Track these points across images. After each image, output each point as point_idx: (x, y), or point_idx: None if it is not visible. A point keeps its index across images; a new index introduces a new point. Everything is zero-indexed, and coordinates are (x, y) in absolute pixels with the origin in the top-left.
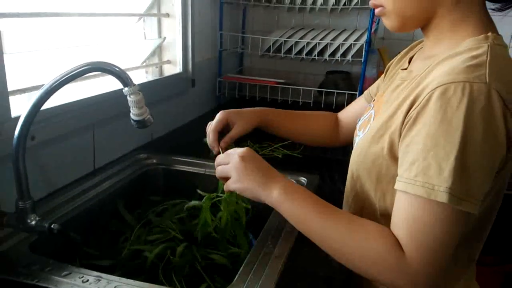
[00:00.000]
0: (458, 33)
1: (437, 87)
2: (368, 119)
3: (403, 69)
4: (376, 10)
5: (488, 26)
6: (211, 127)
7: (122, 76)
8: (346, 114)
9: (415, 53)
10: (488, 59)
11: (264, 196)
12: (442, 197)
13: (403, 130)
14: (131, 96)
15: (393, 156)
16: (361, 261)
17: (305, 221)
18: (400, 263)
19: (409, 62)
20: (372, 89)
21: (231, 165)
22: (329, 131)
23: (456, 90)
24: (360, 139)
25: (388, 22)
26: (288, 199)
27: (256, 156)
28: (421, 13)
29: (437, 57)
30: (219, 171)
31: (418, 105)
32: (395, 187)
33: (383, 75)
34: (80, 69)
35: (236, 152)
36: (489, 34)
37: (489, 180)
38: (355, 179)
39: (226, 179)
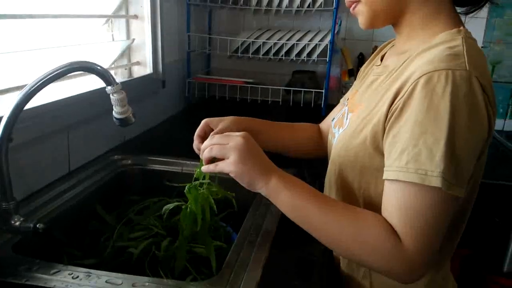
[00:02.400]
0: (430, 28)
1: (421, 76)
2: (342, 116)
3: (377, 66)
4: (352, 7)
5: (458, 21)
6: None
7: (105, 75)
8: (326, 124)
9: (386, 51)
10: (465, 49)
11: (261, 184)
12: (436, 181)
13: (388, 122)
14: (114, 95)
15: (376, 148)
16: (359, 249)
17: (303, 209)
18: (397, 250)
19: (381, 60)
20: (346, 95)
21: (232, 145)
22: (314, 142)
23: (440, 78)
24: (340, 134)
25: (361, 18)
26: (286, 188)
27: (255, 142)
28: (391, 7)
29: (411, 51)
30: (216, 150)
31: (403, 95)
32: (385, 177)
33: (357, 80)
34: (64, 69)
35: (237, 134)
36: (461, 28)
37: (472, 164)
38: (337, 173)
39: (209, 161)
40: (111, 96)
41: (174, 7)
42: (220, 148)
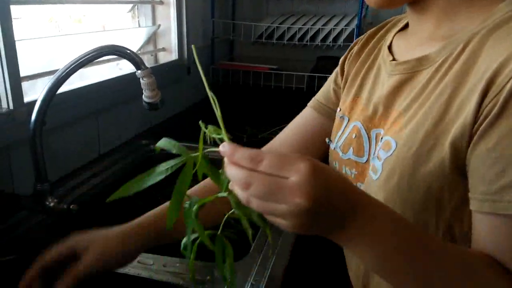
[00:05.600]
0: (475, 1)
1: None
2: (356, 136)
3: (393, 61)
4: None
5: None
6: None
7: (135, 59)
8: (283, 139)
9: (391, 40)
10: None
11: (335, 237)
12: None
13: (477, 130)
14: (144, 79)
15: (459, 170)
16: None
17: (398, 262)
18: None
19: (390, 51)
20: (323, 96)
21: (288, 209)
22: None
23: None
24: (387, 162)
25: None
26: (373, 235)
27: (329, 184)
28: None
29: (461, 34)
30: (257, 205)
31: (499, 91)
32: (488, 209)
33: (333, 77)
34: (95, 53)
35: (298, 188)
36: None
37: None
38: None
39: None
40: (141, 80)
41: None
42: (266, 207)
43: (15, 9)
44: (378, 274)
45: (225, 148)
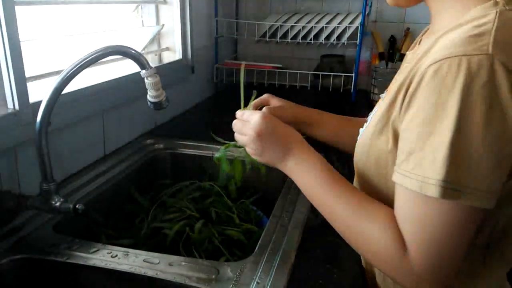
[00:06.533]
0: (460, 2)
1: (430, 65)
2: (376, 112)
3: (410, 51)
4: None
5: None
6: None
7: (139, 59)
8: None
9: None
10: (495, 26)
11: (280, 167)
12: (433, 191)
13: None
14: (149, 79)
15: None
16: (363, 249)
17: (314, 197)
18: (401, 261)
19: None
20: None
21: (248, 139)
22: None
23: (451, 67)
24: (361, 135)
25: None
26: (301, 171)
27: (273, 128)
28: None
29: (439, 32)
30: (238, 139)
31: (413, 87)
32: (393, 178)
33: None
34: (99, 53)
35: (251, 126)
36: None
37: (502, 169)
38: (362, 177)
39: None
40: (145, 79)
41: None
42: (241, 139)
43: (20, 10)
44: (307, 198)
45: (237, 112)
